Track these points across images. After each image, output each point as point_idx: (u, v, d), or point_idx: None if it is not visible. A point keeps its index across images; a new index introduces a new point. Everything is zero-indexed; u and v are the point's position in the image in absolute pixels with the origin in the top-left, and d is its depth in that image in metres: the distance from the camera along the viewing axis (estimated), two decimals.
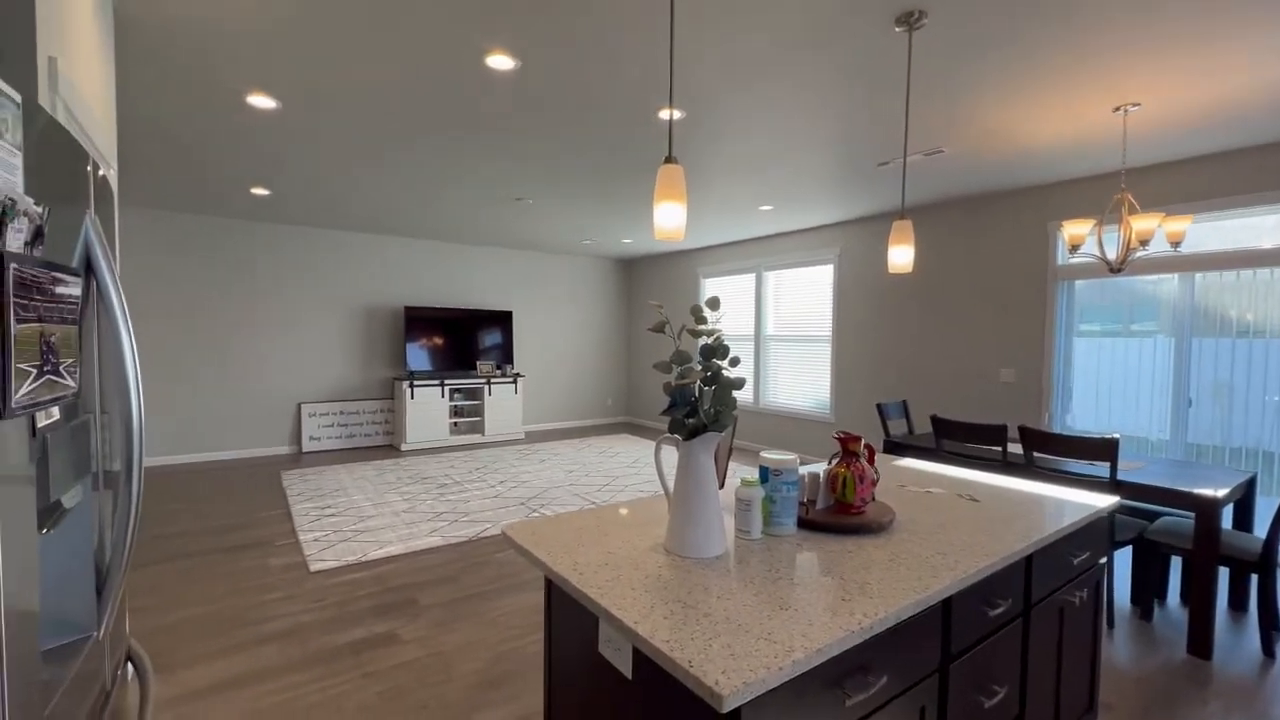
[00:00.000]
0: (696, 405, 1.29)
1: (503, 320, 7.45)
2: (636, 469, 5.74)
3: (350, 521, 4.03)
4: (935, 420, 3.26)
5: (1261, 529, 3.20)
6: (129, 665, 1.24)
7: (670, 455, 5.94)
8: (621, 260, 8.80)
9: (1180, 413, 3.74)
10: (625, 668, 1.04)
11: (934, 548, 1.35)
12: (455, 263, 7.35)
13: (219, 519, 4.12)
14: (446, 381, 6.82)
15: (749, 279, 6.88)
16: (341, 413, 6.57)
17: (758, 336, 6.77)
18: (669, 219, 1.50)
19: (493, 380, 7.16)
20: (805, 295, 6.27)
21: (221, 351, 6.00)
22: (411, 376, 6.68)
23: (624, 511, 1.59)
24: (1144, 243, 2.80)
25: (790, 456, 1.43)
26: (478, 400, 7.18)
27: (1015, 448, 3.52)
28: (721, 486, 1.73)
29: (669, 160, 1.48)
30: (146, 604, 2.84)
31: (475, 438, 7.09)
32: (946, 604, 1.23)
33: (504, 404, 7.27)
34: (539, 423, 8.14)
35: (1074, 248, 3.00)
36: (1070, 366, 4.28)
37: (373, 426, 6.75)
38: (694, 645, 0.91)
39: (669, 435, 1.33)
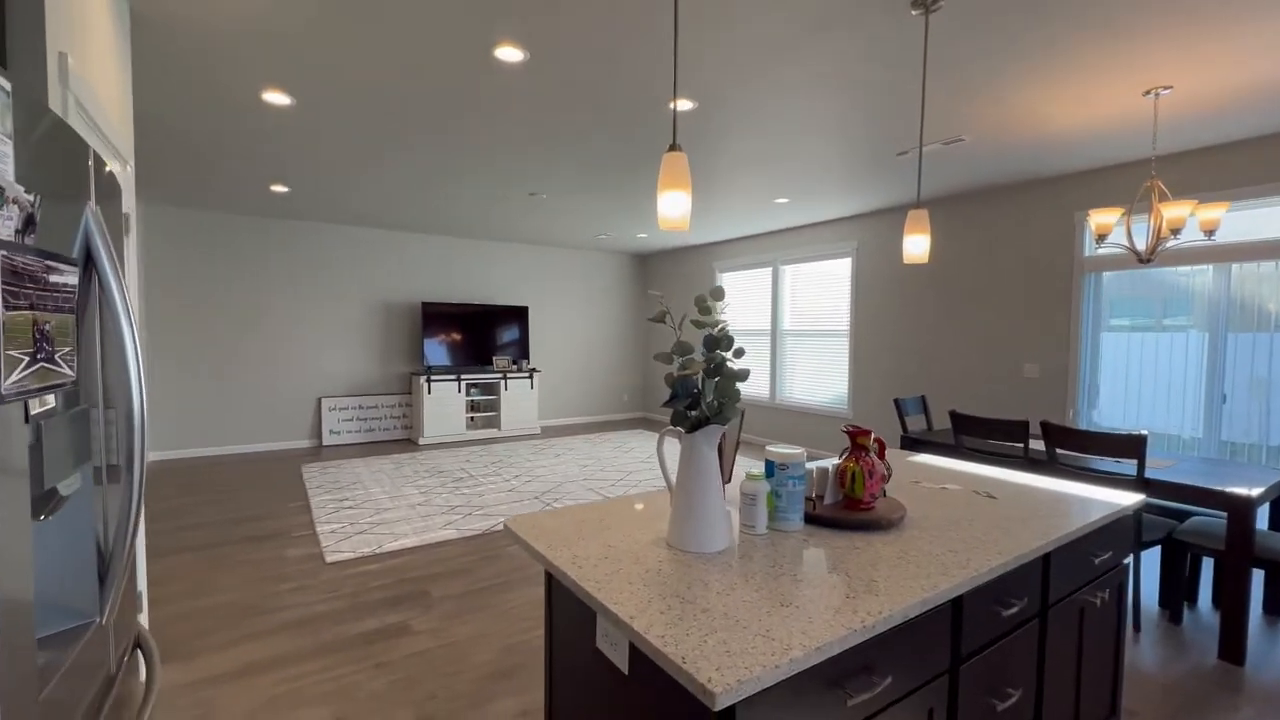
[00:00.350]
0: (699, 397, 1.26)
1: (519, 315, 7.48)
2: (651, 464, 5.72)
3: (367, 514, 4.08)
4: (954, 415, 3.18)
5: None
6: (138, 652, 1.26)
7: (674, 448, 5.91)
8: (638, 255, 8.77)
9: (1214, 409, 3.60)
10: (622, 663, 1.03)
11: (945, 545, 1.31)
12: (472, 258, 7.40)
13: (241, 510, 4.21)
14: (463, 376, 6.88)
15: (765, 273, 6.80)
16: (360, 407, 6.67)
17: (774, 331, 6.69)
18: (673, 208, 1.48)
19: (509, 375, 7.20)
20: (822, 289, 6.18)
21: (244, 346, 6.13)
22: (429, 371, 6.74)
23: (628, 505, 1.58)
24: (1175, 231, 2.69)
25: (797, 450, 1.40)
26: (494, 395, 7.23)
27: (1039, 444, 3.42)
28: (728, 481, 1.70)
29: (673, 148, 1.45)
30: (168, 592, 2.91)
31: (491, 432, 7.14)
32: (957, 603, 1.19)
33: (520, 399, 7.30)
34: (555, 418, 8.16)
35: (1101, 237, 2.90)
36: (1097, 361, 4.15)
37: (391, 421, 6.84)
38: (689, 641, 0.89)
39: (672, 428, 1.31)
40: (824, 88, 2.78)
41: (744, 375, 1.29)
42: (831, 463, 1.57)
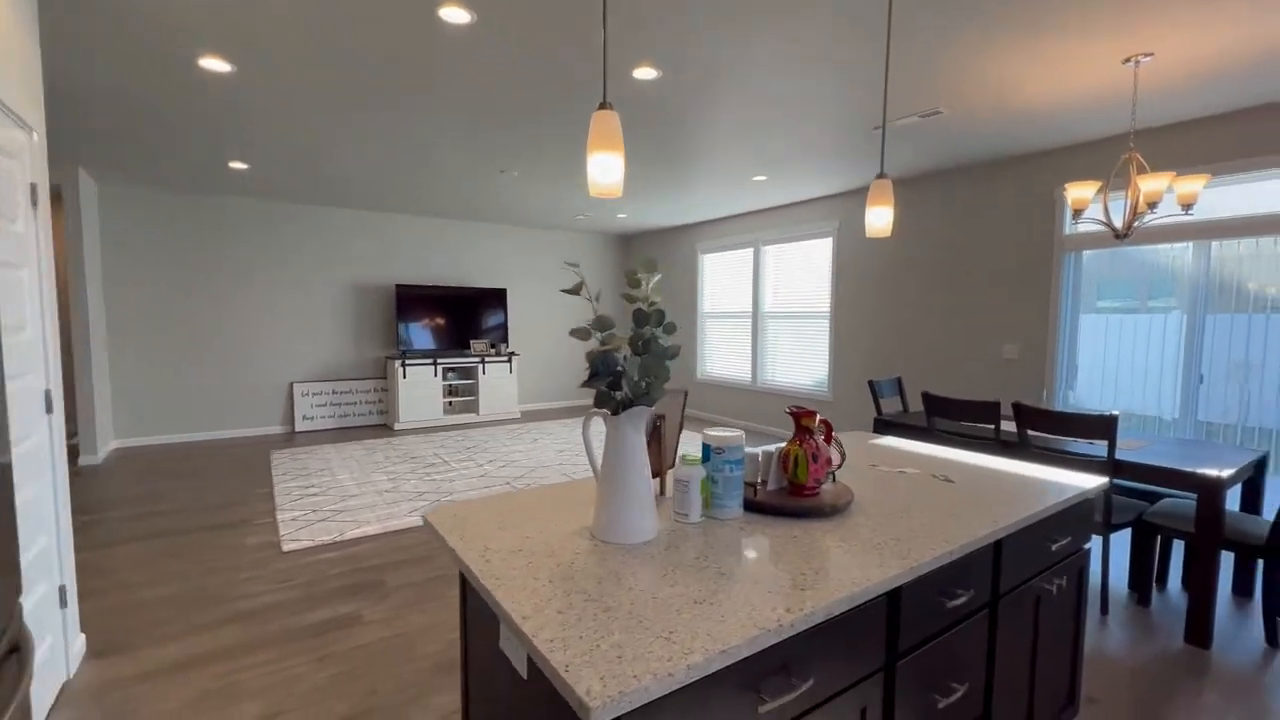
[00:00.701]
0: (621, 376, 1.16)
1: (498, 298, 7.34)
2: None
3: (331, 501, 3.98)
4: (926, 397, 3.11)
5: (1271, 511, 3.04)
6: (14, 658, 1.16)
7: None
8: (620, 236, 8.62)
9: (1190, 391, 3.55)
10: (521, 666, 0.94)
11: (890, 533, 1.23)
12: (447, 239, 7.22)
13: (203, 498, 4.09)
14: (440, 360, 6.75)
15: (747, 254, 6.68)
16: (334, 392, 6.53)
17: (755, 314, 6.60)
18: (604, 174, 1.36)
19: (487, 359, 7.07)
20: (803, 270, 6.07)
21: (213, 331, 5.96)
22: (404, 355, 6.60)
23: (565, 491, 1.48)
24: (1152, 206, 2.61)
25: (735, 433, 1.30)
26: (472, 379, 7.11)
27: (1011, 426, 3.36)
28: (671, 466, 1.61)
29: (603, 106, 1.33)
30: (112, 583, 2.80)
31: (469, 417, 7.04)
32: (894, 596, 1.11)
33: (498, 383, 7.19)
34: (535, 402, 8.06)
35: (1078, 212, 2.80)
36: (1075, 342, 4.08)
37: (366, 406, 6.71)
38: (579, 645, 0.80)
39: (598, 409, 1.21)
40: (795, 58, 2.65)
41: (674, 352, 1.19)
42: (777, 446, 1.48)
